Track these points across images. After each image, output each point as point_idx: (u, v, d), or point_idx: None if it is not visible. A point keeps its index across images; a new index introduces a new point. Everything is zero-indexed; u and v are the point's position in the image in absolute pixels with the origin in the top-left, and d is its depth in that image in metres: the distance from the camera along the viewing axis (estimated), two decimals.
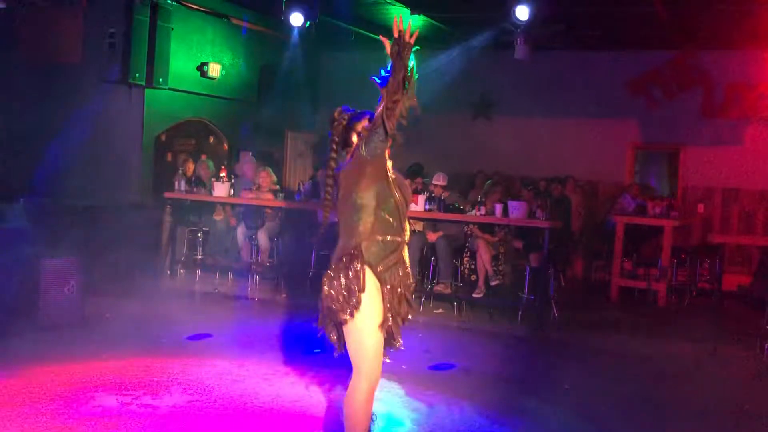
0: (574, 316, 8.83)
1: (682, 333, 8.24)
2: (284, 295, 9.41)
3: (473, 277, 9.19)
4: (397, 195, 3.69)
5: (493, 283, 8.99)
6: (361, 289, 3.56)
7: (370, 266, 3.61)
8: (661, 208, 10.10)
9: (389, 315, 3.69)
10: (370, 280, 3.61)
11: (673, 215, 10.07)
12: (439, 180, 9.27)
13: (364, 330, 3.58)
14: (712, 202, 11.61)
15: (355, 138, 3.79)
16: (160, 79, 10.34)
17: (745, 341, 7.80)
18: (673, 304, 9.89)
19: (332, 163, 3.84)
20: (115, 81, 10.24)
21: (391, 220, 3.66)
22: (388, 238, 3.67)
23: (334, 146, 3.88)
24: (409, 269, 3.85)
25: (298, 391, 5.55)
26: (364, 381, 3.61)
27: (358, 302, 3.55)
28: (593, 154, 11.99)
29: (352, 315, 3.56)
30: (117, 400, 5.15)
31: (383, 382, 5.82)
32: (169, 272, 10.10)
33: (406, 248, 3.83)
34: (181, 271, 10.18)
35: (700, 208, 11.63)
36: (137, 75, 10.09)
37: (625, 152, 12.24)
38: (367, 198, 3.61)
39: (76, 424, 4.65)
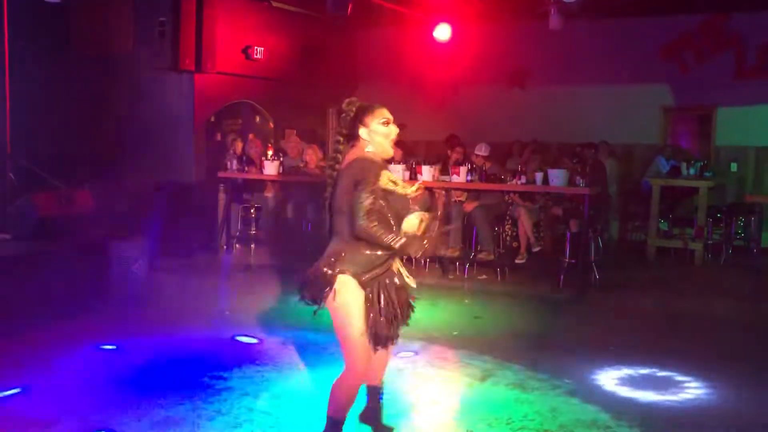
0: (615, 277, 8.96)
1: (722, 290, 8.37)
2: None
3: (515, 244, 9.54)
4: (385, 207, 3.58)
5: (535, 250, 9.36)
6: (333, 297, 3.58)
7: (354, 275, 3.58)
8: (696, 169, 10.28)
9: (381, 318, 3.64)
10: (352, 285, 3.58)
11: (707, 176, 10.28)
12: (481, 150, 9.39)
13: (347, 328, 3.60)
14: (746, 162, 11.79)
15: (362, 131, 3.65)
16: (209, 64, 10.80)
17: None
18: (710, 262, 10.06)
19: (339, 157, 3.68)
20: (166, 68, 10.73)
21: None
22: (378, 252, 3.60)
23: (341, 138, 3.70)
24: (404, 275, 3.81)
25: None
26: (349, 374, 3.66)
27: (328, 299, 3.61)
28: (627, 119, 12.18)
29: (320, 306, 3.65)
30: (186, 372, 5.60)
31: (437, 349, 6.29)
32: (225, 247, 10.60)
33: (397, 260, 3.79)
34: (237, 245, 10.70)
35: (734, 167, 11.82)
36: (187, 61, 10.57)
37: (658, 116, 12.42)
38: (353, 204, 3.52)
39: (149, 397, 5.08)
